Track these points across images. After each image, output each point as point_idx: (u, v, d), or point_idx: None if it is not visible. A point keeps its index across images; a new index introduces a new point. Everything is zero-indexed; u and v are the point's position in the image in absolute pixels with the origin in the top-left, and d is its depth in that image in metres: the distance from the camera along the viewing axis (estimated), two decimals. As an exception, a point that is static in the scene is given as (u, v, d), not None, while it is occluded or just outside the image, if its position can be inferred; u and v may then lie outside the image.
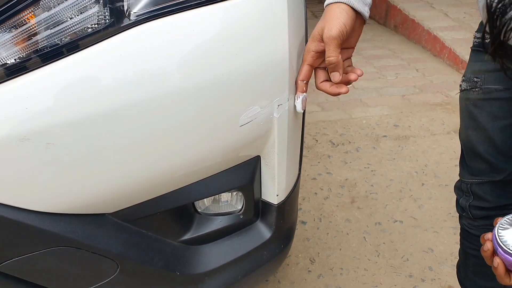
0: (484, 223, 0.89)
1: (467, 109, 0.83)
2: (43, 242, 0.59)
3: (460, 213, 0.94)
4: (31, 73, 0.54)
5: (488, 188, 0.85)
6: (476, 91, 0.80)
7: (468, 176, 0.87)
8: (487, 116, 0.80)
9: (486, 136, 0.81)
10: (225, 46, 0.62)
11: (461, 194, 0.91)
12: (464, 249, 0.98)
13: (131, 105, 0.59)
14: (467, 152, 0.87)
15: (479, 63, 0.80)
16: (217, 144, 0.68)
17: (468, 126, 0.84)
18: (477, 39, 0.81)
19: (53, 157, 0.56)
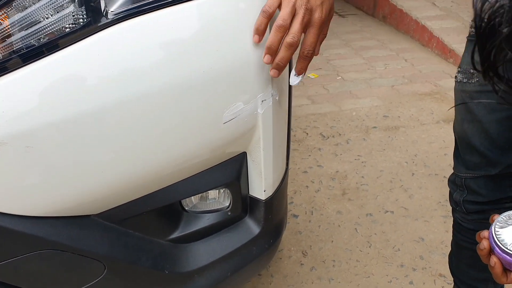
0: (478, 217, 0.89)
1: (463, 101, 0.81)
2: (27, 246, 0.59)
3: (454, 207, 0.93)
4: (7, 75, 0.53)
5: (483, 182, 0.84)
6: (472, 83, 0.78)
7: (463, 170, 0.86)
8: (484, 108, 0.78)
9: (482, 129, 0.80)
10: (205, 43, 0.62)
11: (455, 188, 0.90)
12: (457, 242, 0.98)
13: (111, 104, 0.58)
14: (462, 145, 0.85)
15: (476, 54, 0.79)
16: (201, 142, 0.68)
17: (463, 119, 0.82)
18: (473, 28, 0.79)
19: (34, 160, 0.55)
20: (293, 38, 0.64)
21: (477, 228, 0.92)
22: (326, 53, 3.08)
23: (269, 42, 0.65)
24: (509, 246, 0.57)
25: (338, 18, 3.92)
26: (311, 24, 0.65)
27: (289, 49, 0.65)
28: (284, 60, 0.66)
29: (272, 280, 1.33)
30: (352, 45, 3.21)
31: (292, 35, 0.64)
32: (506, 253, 0.57)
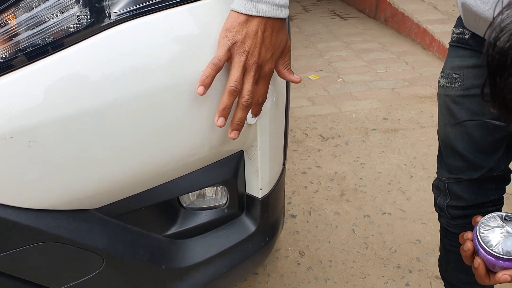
0: (462, 221, 0.90)
1: (446, 105, 0.82)
2: (28, 238, 0.60)
3: (438, 212, 0.94)
4: (13, 72, 0.55)
5: (465, 186, 0.85)
6: (455, 87, 0.79)
7: (445, 174, 0.87)
8: (466, 112, 0.79)
9: (464, 133, 0.81)
10: (205, 44, 0.63)
11: (439, 193, 0.91)
12: (445, 246, 0.99)
13: (113, 102, 0.60)
14: (445, 149, 0.86)
15: (458, 59, 0.79)
16: (200, 140, 0.69)
17: (446, 123, 0.83)
18: (455, 35, 0.80)
19: (36, 155, 0.57)
20: (247, 99, 0.64)
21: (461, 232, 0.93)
22: (327, 55, 3.10)
23: (222, 106, 0.64)
24: (494, 247, 0.57)
25: (340, 20, 3.94)
26: (261, 76, 0.65)
27: (245, 110, 0.66)
28: (242, 120, 0.67)
29: (269, 279, 1.34)
30: (353, 48, 3.22)
31: (247, 97, 0.64)
32: (490, 254, 0.57)
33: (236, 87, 0.63)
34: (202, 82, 0.62)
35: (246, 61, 0.62)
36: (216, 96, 0.67)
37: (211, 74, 0.62)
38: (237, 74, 0.62)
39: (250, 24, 0.61)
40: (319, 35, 3.48)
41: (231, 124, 0.67)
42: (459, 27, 0.79)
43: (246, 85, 0.64)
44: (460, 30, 0.79)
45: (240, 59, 0.62)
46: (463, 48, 0.79)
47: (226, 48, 0.62)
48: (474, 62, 0.77)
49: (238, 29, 0.61)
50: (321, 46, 3.25)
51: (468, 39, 0.77)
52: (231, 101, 0.64)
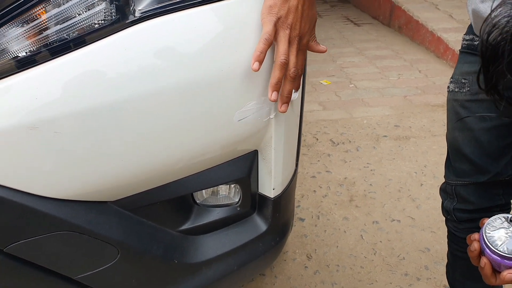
0: (469, 226, 0.90)
1: (455, 110, 0.84)
2: (48, 226, 0.62)
3: (446, 216, 0.95)
4: (41, 65, 0.57)
5: (472, 190, 0.86)
6: (464, 92, 0.81)
7: (453, 178, 0.88)
8: (474, 116, 0.80)
9: (472, 137, 0.82)
10: (225, 43, 0.65)
11: (446, 196, 0.92)
12: (452, 252, 0.99)
13: (134, 98, 0.61)
14: (453, 153, 0.88)
15: (467, 65, 0.81)
16: (215, 138, 0.71)
17: (455, 127, 0.85)
18: (466, 41, 0.82)
19: (60, 146, 0.59)
20: (295, 71, 0.68)
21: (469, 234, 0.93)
22: (340, 61, 3.10)
23: (275, 80, 0.67)
24: (499, 247, 0.59)
25: (353, 26, 3.94)
26: (300, 49, 0.69)
27: (293, 81, 0.69)
28: (290, 92, 0.70)
29: (275, 281, 1.35)
30: (366, 54, 3.22)
31: (294, 69, 0.68)
32: (496, 254, 0.59)
33: (286, 60, 0.66)
34: (257, 58, 0.65)
35: (290, 34, 0.66)
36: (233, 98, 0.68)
37: (264, 49, 0.65)
38: (285, 47, 0.66)
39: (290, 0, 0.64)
40: (332, 41, 3.49)
41: (281, 98, 0.70)
42: (470, 34, 0.81)
43: (292, 57, 0.67)
44: (470, 36, 0.80)
45: (285, 33, 0.66)
46: (473, 54, 0.80)
47: (273, 23, 0.65)
48: None
49: (280, 5, 0.65)
50: (334, 52, 3.26)
51: (478, 46, 0.78)
52: (282, 74, 0.67)
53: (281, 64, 0.66)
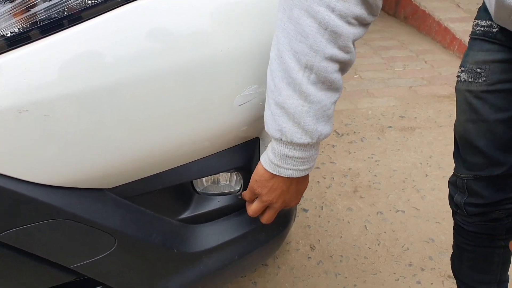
0: (479, 219, 0.88)
1: (467, 101, 0.80)
2: (42, 214, 0.60)
3: (454, 209, 0.92)
4: (29, 45, 0.54)
5: (485, 184, 0.83)
6: (479, 82, 0.77)
7: (464, 171, 0.85)
8: (490, 108, 0.77)
9: (486, 129, 0.79)
10: (225, 24, 0.62)
11: (456, 190, 0.89)
12: (459, 244, 0.97)
13: (129, 81, 0.59)
14: (464, 146, 0.84)
15: (483, 53, 0.77)
16: (214, 124, 0.68)
17: (467, 119, 0.81)
18: (481, 28, 0.78)
19: (51, 129, 0.56)
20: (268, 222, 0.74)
21: (478, 230, 0.91)
22: (345, 51, 3.05)
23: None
24: None
25: (358, 17, 3.88)
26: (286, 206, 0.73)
27: None
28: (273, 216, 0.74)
29: (278, 271, 1.33)
30: (371, 45, 3.17)
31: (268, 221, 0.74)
32: None
33: (253, 216, 0.73)
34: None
35: (269, 204, 0.70)
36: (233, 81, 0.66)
37: None
38: (255, 208, 0.71)
39: (275, 181, 0.66)
40: (336, 31, 3.43)
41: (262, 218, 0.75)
42: (485, 19, 0.77)
43: (267, 213, 0.72)
44: (487, 23, 0.76)
45: (263, 204, 0.70)
46: (490, 42, 0.76)
47: (253, 193, 0.70)
48: (502, 56, 0.75)
49: (263, 183, 0.67)
50: (338, 42, 3.21)
51: (496, 33, 0.75)
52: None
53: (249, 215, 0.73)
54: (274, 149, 0.63)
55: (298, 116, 0.58)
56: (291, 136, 0.60)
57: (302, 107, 0.58)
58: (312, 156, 0.64)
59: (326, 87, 0.58)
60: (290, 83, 0.57)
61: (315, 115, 0.59)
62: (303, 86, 0.57)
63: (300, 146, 0.62)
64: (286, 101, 0.58)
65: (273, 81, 0.59)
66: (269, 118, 0.62)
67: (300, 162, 0.63)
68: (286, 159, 0.63)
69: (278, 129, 0.61)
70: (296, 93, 0.57)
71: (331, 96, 0.60)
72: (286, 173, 0.64)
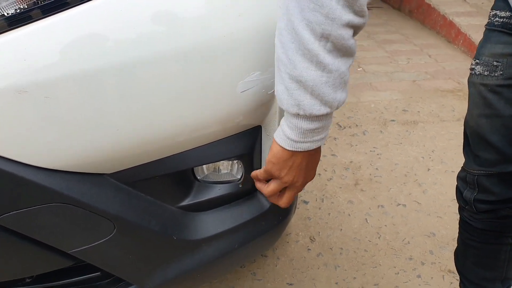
0: (487, 216, 0.86)
1: (481, 95, 0.77)
2: (41, 197, 0.60)
3: (463, 205, 0.90)
4: (30, 25, 0.53)
5: (496, 181, 0.81)
6: (496, 76, 0.75)
7: (475, 167, 0.83)
8: (506, 102, 0.75)
9: (501, 124, 0.77)
10: (228, 7, 0.61)
11: (465, 186, 0.87)
12: (464, 240, 0.95)
13: (130, 64, 0.58)
14: (476, 141, 0.82)
15: (501, 46, 0.74)
16: (216, 110, 0.67)
17: (481, 114, 0.79)
18: (500, 19, 0.74)
19: (51, 112, 0.56)
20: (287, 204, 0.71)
21: (486, 227, 0.89)
22: (348, 44, 3.03)
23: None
24: None
25: (363, 10, 3.85)
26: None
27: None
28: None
29: (278, 262, 1.33)
30: (375, 38, 3.15)
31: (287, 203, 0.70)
32: None
33: (269, 197, 0.70)
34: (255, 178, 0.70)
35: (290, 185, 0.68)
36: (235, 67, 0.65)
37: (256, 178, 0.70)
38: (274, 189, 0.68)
39: (294, 159, 0.64)
40: (340, 24, 3.41)
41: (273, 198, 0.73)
42: (505, 10, 0.73)
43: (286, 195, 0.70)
44: (507, 14, 0.73)
45: (281, 184, 0.68)
46: (509, 34, 0.73)
47: (269, 174, 0.67)
48: None
49: (282, 165, 0.65)
50: (342, 35, 3.18)
51: None
52: None
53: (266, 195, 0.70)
54: (291, 125, 0.61)
55: (317, 88, 0.57)
56: (310, 109, 0.58)
57: (321, 77, 0.56)
58: (328, 124, 0.63)
59: (342, 53, 0.56)
60: (305, 54, 0.55)
61: (333, 84, 0.57)
62: (320, 57, 0.55)
63: (318, 117, 0.60)
64: (303, 73, 0.56)
65: (286, 54, 0.56)
66: (283, 93, 0.59)
67: (317, 132, 0.62)
68: (304, 132, 0.61)
69: (295, 104, 0.58)
70: (313, 65, 0.55)
71: (347, 62, 0.58)
72: (304, 147, 0.62)
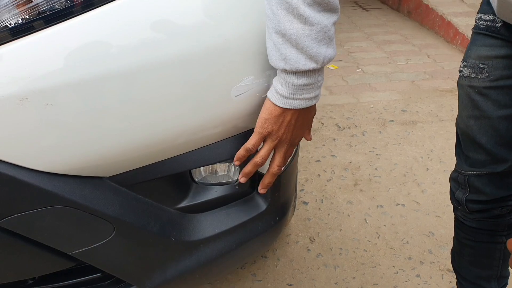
0: (480, 215, 0.88)
1: (469, 97, 0.79)
2: (42, 200, 0.61)
3: (456, 205, 0.92)
4: (31, 35, 0.55)
5: (487, 180, 0.82)
6: (482, 78, 0.76)
7: (466, 168, 0.84)
8: (493, 104, 0.76)
9: (489, 126, 0.78)
10: (222, 15, 0.63)
11: (457, 186, 0.88)
12: (459, 239, 0.97)
13: (127, 70, 0.60)
14: (466, 142, 0.83)
15: (486, 48, 0.76)
16: (213, 114, 0.69)
17: (469, 115, 0.80)
18: (484, 22, 0.76)
19: (52, 118, 0.58)
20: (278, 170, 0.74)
21: (479, 226, 0.90)
22: (348, 45, 3.05)
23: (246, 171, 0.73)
24: None
25: (362, 11, 3.87)
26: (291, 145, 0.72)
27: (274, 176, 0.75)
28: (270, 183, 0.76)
29: (278, 263, 1.34)
30: (374, 39, 3.16)
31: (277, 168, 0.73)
32: None
33: (262, 163, 0.72)
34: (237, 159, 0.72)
35: (278, 144, 0.70)
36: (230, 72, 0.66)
37: (242, 157, 0.72)
38: (265, 152, 0.71)
39: (285, 116, 0.67)
40: (340, 25, 3.43)
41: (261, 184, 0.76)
42: (489, 13, 0.75)
43: (277, 157, 0.72)
44: (491, 17, 0.75)
45: (272, 143, 0.70)
46: (493, 37, 0.75)
47: (261, 136, 0.69)
48: (506, 52, 0.74)
49: (274, 120, 0.67)
50: (342, 36, 3.20)
51: (500, 28, 0.74)
52: (254, 170, 0.73)
53: (255, 164, 0.72)
54: (282, 80, 0.63)
55: (301, 41, 0.59)
56: (296, 63, 0.60)
57: (303, 31, 0.58)
58: (317, 82, 0.64)
59: (323, 8, 0.59)
60: (287, 8, 0.58)
61: (317, 38, 0.59)
62: (300, 9, 0.57)
63: (306, 73, 0.62)
64: (286, 27, 0.58)
65: (271, 9, 0.59)
66: (272, 49, 0.62)
67: (306, 89, 0.63)
68: (293, 88, 0.63)
69: (282, 58, 0.60)
70: (295, 18, 0.58)
71: (329, 17, 0.60)
72: (294, 104, 0.65)
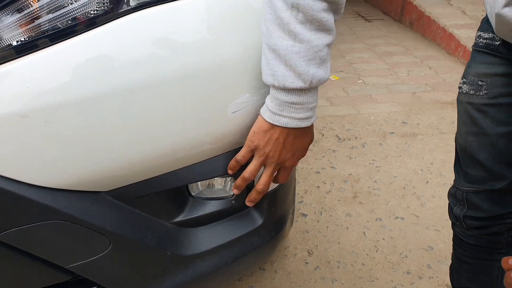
0: (478, 232, 0.87)
1: (468, 113, 0.79)
2: (40, 215, 0.62)
3: (454, 221, 0.92)
4: (32, 54, 0.57)
5: (485, 197, 0.82)
6: (480, 95, 0.77)
7: (464, 184, 0.84)
8: (491, 121, 0.77)
9: (488, 142, 0.78)
10: (218, 34, 0.64)
11: (455, 202, 0.88)
12: (457, 256, 0.96)
13: (125, 89, 0.61)
14: (465, 159, 0.83)
15: (485, 66, 0.77)
16: (209, 131, 0.70)
17: (468, 132, 0.80)
18: (484, 40, 0.77)
19: (51, 134, 0.59)
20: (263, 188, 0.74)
21: (477, 243, 0.90)
22: (349, 56, 3.07)
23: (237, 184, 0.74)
24: None
25: (364, 22, 3.90)
26: (282, 168, 0.73)
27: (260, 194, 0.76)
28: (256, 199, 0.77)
29: (275, 276, 1.34)
30: (376, 50, 3.18)
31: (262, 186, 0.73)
32: None
33: (250, 178, 0.72)
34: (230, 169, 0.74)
35: (265, 160, 0.70)
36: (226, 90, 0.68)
37: (236, 167, 0.73)
38: (253, 168, 0.71)
39: (273, 131, 0.67)
40: (341, 36, 3.45)
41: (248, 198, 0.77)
42: (488, 32, 0.76)
43: (264, 176, 0.73)
44: (490, 35, 0.76)
45: (259, 159, 0.70)
46: (492, 55, 0.76)
47: (249, 149, 0.70)
48: (504, 70, 0.75)
49: (262, 135, 0.68)
50: (343, 47, 3.22)
51: (499, 46, 0.75)
52: (243, 184, 0.74)
53: (244, 178, 0.73)
54: (271, 96, 0.64)
55: (289, 57, 0.59)
56: (283, 80, 0.60)
57: (292, 47, 0.58)
58: (307, 103, 0.63)
59: (315, 27, 0.59)
60: (279, 24, 0.58)
61: (306, 56, 0.59)
62: (291, 26, 0.57)
63: (294, 91, 0.62)
64: (277, 42, 0.59)
65: (265, 25, 0.60)
66: (264, 64, 0.62)
67: (295, 109, 0.63)
68: (281, 105, 0.63)
69: (271, 74, 0.61)
70: (286, 34, 0.58)
71: (321, 38, 0.60)
72: (282, 121, 0.65)
